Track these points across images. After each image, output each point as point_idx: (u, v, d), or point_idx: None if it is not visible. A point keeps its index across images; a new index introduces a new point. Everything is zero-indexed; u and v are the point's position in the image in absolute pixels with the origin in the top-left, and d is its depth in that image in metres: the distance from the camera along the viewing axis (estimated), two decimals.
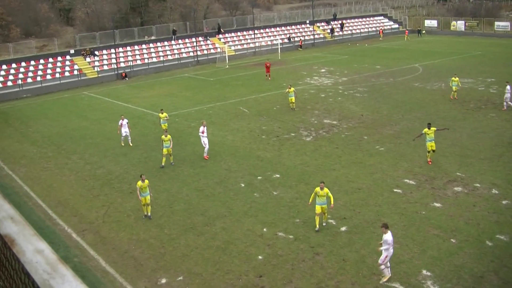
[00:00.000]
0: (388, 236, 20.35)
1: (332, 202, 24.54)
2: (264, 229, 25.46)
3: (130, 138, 40.05)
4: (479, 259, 21.87)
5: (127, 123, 39.67)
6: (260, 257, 23.05)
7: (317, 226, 24.86)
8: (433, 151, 33.31)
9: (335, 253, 22.90)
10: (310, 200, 25.09)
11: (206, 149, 36.46)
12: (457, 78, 49.36)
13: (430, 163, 33.23)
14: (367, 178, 31.45)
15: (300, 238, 24.33)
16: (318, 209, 24.73)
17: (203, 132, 36.14)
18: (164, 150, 35.33)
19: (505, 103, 44.82)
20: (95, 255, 24.04)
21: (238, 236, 25.00)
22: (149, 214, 27.75)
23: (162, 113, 41.67)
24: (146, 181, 27.62)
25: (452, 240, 23.58)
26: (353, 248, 23.13)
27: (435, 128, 33.65)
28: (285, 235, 24.82)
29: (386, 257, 20.54)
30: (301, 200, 28.65)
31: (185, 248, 24.21)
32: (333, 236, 24.37)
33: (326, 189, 24.59)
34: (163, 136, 35.56)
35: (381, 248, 20.59)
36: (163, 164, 35.46)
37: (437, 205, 27.26)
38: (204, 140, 36.36)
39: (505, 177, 30.35)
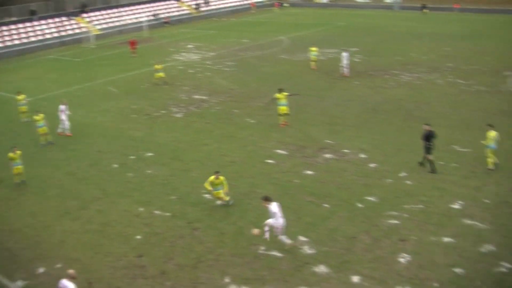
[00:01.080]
0: (272, 207, 20.65)
1: (226, 188, 24.38)
2: (141, 209, 25.28)
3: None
4: (351, 221, 22.74)
5: None
6: (138, 236, 22.89)
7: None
8: (286, 114, 35.02)
9: (213, 227, 23.08)
10: (209, 188, 24.29)
11: (66, 126, 36.93)
12: (315, 48, 50.76)
13: (283, 125, 35.06)
14: (239, 151, 31.80)
15: (177, 215, 24.34)
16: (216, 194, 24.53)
17: (62, 111, 36.53)
18: (39, 129, 34.90)
19: (345, 70, 47.67)
20: None
21: (114, 218, 24.69)
22: (23, 179, 28.83)
23: (19, 95, 40.44)
24: (18, 152, 28.48)
25: (325, 205, 24.34)
26: (230, 221, 23.41)
27: (286, 93, 35.08)
28: (162, 212, 24.76)
29: (279, 228, 20.89)
30: (175, 177, 28.63)
31: (61, 234, 23.65)
32: (210, 211, 24.54)
33: (221, 177, 24.18)
34: (35, 116, 34.85)
35: (267, 222, 20.85)
36: (43, 143, 35.19)
37: (309, 172, 28.00)
38: (63, 118, 36.66)
39: (371, 142, 31.57)
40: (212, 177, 24.09)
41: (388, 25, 76.82)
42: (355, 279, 18.86)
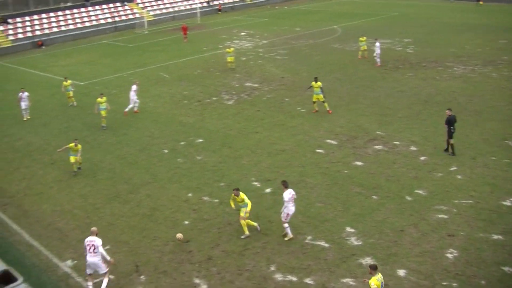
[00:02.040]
0: (285, 194, 20.93)
1: (249, 209, 21.78)
2: (189, 194, 25.48)
3: (28, 111, 39.13)
4: (399, 214, 22.53)
5: (27, 96, 38.52)
6: (186, 222, 23.10)
7: (246, 232, 21.78)
8: (323, 102, 35.68)
9: (260, 215, 23.13)
10: (233, 206, 22.29)
11: (135, 105, 38.52)
12: (364, 38, 50.50)
13: (315, 111, 35.83)
14: (289, 139, 31.76)
15: (225, 201, 24.41)
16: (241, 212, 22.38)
17: (133, 91, 38.08)
18: (102, 112, 35.68)
19: (377, 59, 47.69)
20: (18, 229, 23.58)
21: (163, 203, 24.96)
22: (79, 167, 29.18)
23: (66, 81, 41.01)
24: (79, 145, 28.51)
25: (373, 196, 24.17)
26: (278, 209, 23.31)
27: (320, 84, 35.37)
28: (210, 199, 24.93)
29: (287, 215, 21.12)
30: (225, 164, 28.76)
31: (110, 217, 24.03)
32: (258, 198, 24.58)
33: (242, 195, 21.71)
34: (98, 99, 35.72)
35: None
36: (104, 125, 36.09)
37: (359, 163, 27.83)
38: (134, 97, 38.09)
39: (422, 134, 31.17)
40: (232, 195, 22.21)
41: (442, 16, 75.52)
42: (401, 272, 18.70)
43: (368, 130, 32.47)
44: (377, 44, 47.92)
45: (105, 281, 18.74)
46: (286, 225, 21.29)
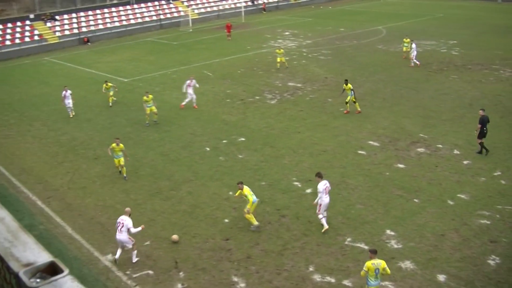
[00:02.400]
0: (319, 185, 21.33)
1: (249, 206, 22.18)
2: (230, 193, 25.58)
3: (72, 108, 39.32)
4: (440, 218, 22.31)
5: (70, 94, 38.85)
6: (226, 220, 23.21)
7: (254, 223, 22.25)
8: (354, 102, 36.01)
9: (300, 215, 23.13)
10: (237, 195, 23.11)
11: (194, 99, 39.56)
12: (408, 39, 50.19)
13: (346, 112, 36.12)
14: (331, 140, 31.68)
15: (266, 201, 24.50)
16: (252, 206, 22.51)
17: (189, 86, 39.03)
18: (147, 109, 35.95)
19: (415, 60, 47.62)
20: (61, 222, 23.98)
21: (204, 200, 25.11)
22: (124, 175, 28.36)
23: (107, 84, 41.32)
24: (121, 145, 28.32)
25: (415, 200, 23.98)
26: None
27: (351, 86, 35.89)
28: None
29: (320, 206, 21.42)
30: (266, 163, 28.82)
31: (151, 213, 24.26)
32: (298, 198, 24.60)
33: (246, 190, 22.25)
34: (144, 97, 36.05)
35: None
36: (147, 122, 36.42)
37: (401, 166, 27.63)
38: (190, 91, 38.99)
39: (466, 138, 30.80)
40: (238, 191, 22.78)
41: (489, 17, 74.47)
42: (441, 277, 18.52)
43: (411, 132, 32.20)
44: (414, 45, 47.60)
45: (134, 253, 20.59)
46: (320, 216, 21.52)
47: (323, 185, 21.40)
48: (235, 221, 23.07)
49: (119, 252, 20.44)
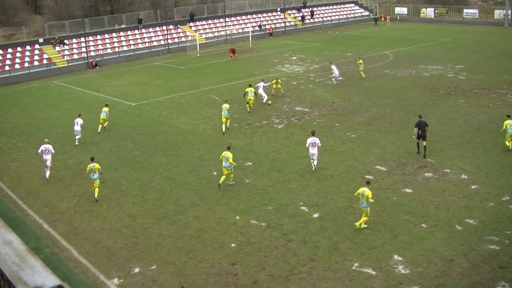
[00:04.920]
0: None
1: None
2: (237, 217, 25.52)
3: (79, 138, 38.72)
4: (449, 243, 22.16)
5: (81, 124, 37.98)
6: (233, 245, 23.11)
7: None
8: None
9: (307, 240, 23.03)
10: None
11: (265, 98, 46.09)
12: (361, 61, 55.12)
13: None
14: (339, 165, 31.63)
15: (273, 225, 24.42)
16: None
17: (261, 87, 45.96)
18: (223, 117, 39.15)
19: (337, 79, 51.69)
20: (67, 245, 23.92)
21: (211, 224, 25.03)
22: (96, 196, 28.62)
23: (106, 107, 41.50)
24: (97, 164, 28.68)
25: (422, 225, 23.84)
26: (326, 235, 23.28)
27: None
28: (258, 222, 24.91)
29: None
30: (273, 188, 28.75)
31: (158, 237, 24.19)
32: (305, 223, 24.50)
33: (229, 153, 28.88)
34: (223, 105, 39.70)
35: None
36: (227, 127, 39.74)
37: (408, 190, 27.53)
38: (261, 92, 45.77)
39: (473, 163, 30.71)
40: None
41: (496, 42, 74.71)
42: None
43: (418, 157, 32.13)
44: (333, 66, 51.37)
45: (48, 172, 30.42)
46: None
47: (310, 140, 29.65)
48: (242, 245, 22.97)
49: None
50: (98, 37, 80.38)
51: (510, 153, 31.94)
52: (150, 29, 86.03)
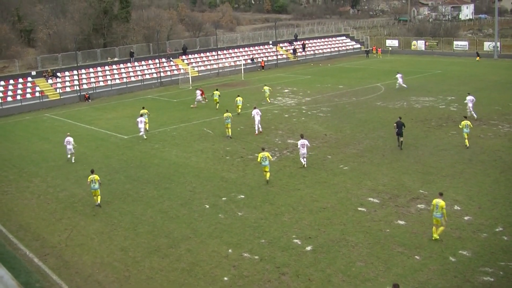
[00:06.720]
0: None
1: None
2: (229, 250, 25.36)
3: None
4: (442, 275, 22.05)
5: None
6: (225, 278, 22.93)
7: None
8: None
9: (300, 273, 22.88)
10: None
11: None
12: (266, 87, 59.27)
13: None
14: (331, 197, 31.57)
15: (265, 258, 24.27)
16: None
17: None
18: (227, 124, 45.01)
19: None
20: (57, 279, 23.67)
21: (203, 258, 24.86)
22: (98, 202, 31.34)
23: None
24: (96, 176, 31.41)
25: (416, 257, 23.75)
26: (319, 268, 23.14)
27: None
28: (251, 255, 24.75)
29: None
30: (266, 220, 28.63)
31: (149, 270, 23.99)
32: (298, 256, 24.37)
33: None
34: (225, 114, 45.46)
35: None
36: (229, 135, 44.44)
37: (401, 222, 27.46)
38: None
39: (466, 193, 30.72)
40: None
41: (486, 73, 75.35)
42: None
43: (410, 188, 32.13)
44: (256, 111, 47.78)
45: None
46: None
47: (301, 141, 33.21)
48: (235, 279, 22.80)
49: None
50: (91, 70, 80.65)
51: (503, 183, 32.00)
52: (143, 62, 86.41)
